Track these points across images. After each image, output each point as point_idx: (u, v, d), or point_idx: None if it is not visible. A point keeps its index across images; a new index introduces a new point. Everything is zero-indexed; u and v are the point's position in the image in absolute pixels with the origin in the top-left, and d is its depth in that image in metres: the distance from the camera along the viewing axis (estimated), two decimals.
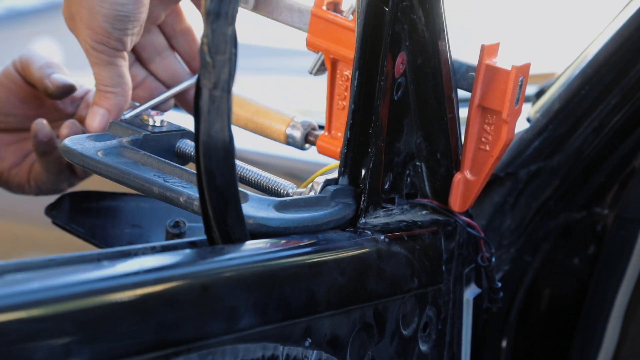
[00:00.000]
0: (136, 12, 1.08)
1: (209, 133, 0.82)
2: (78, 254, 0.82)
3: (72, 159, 1.05)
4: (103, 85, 1.10)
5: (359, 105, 1.01)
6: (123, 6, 1.07)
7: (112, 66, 1.10)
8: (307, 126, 1.16)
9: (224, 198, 0.85)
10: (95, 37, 1.08)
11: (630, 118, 1.30)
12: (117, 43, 1.08)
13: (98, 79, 1.11)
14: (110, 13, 1.06)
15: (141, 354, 0.75)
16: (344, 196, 1.02)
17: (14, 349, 0.68)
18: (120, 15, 1.07)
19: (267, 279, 0.86)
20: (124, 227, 1.27)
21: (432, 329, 1.08)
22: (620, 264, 1.34)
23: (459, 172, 1.08)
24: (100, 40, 1.08)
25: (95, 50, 1.08)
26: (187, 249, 0.86)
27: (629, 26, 1.26)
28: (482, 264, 1.15)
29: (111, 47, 1.08)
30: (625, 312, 1.34)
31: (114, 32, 1.07)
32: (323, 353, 0.92)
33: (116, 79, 1.10)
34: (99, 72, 1.10)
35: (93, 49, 1.08)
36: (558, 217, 1.37)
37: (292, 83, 2.18)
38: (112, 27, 1.07)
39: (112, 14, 1.07)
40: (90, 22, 1.07)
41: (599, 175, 1.36)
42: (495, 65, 1.03)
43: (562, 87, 1.31)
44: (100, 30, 1.07)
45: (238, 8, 0.80)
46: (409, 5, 1.02)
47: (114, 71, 1.10)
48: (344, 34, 1.10)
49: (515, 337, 1.39)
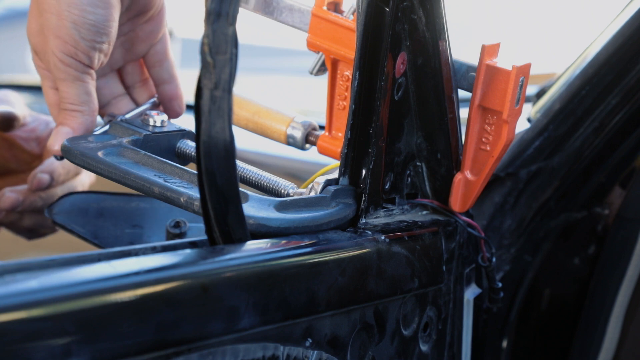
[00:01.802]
0: (105, 23, 1.07)
1: (210, 133, 0.82)
2: (78, 254, 0.82)
3: (73, 159, 1.05)
4: (69, 104, 1.08)
5: (359, 106, 1.01)
6: (92, 14, 1.06)
7: (79, 82, 1.08)
8: (308, 126, 1.16)
9: (224, 198, 0.85)
10: (64, 48, 1.06)
11: (630, 118, 1.30)
12: (85, 57, 1.07)
13: (64, 97, 1.09)
14: (79, 20, 1.05)
15: (141, 354, 0.75)
16: (344, 196, 1.02)
17: (14, 349, 0.68)
18: (89, 24, 1.06)
19: (268, 279, 0.86)
20: (125, 227, 1.27)
21: (432, 329, 1.08)
22: (621, 264, 1.34)
23: (459, 172, 1.08)
24: (68, 52, 1.06)
25: (63, 63, 1.07)
26: (187, 249, 0.86)
27: (629, 26, 1.26)
28: (483, 264, 1.15)
29: (79, 60, 1.07)
30: (625, 312, 1.34)
31: (81, 42, 1.06)
32: (323, 353, 0.92)
33: (83, 97, 1.09)
34: (65, 90, 1.08)
35: (61, 62, 1.07)
36: (558, 217, 1.37)
37: (293, 83, 2.18)
38: (80, 36, 1.06)
39: (80, 21, 1.06)
40: (58, 29, 1.06)
41: (599, 175, 1.36)
42: (495, 66, 1.03)
43: (562, 87, 1.31)
44: (68, 39, 1.06)
45: (239, 8, 0.80)
46: (409, 5, 1.02)
47: (81, 88, 1.08)
48: (344, 34, 1.10)
49: (515, 337, 1.39)
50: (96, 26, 1.06)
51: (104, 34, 1.07)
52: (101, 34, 1.07)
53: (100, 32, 1.07)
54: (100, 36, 1.07)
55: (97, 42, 1.07)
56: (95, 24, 1.06)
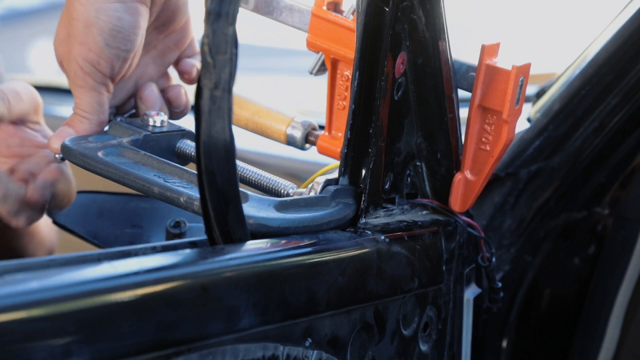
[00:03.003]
0: (132, 30, 1.07)
1: (210, 133, 0.82)
2: (78, 254, 0.82)
3: (72, 159, 1.05)
4: (80, 110, 1.09)
5: (359, 106, 1.01)
6: (120, 20, 1.06)
7: (94, 92, 1.08)
8: (308, 126, 1.16)
9: (224, 198, 0.85)
10: (87, 55, 1.06)
11: (630, 118, 1.30)
12: (107, 66, 1.07)
13: (77, 102, 1.09)
14: (107, 26, 1.06)
15: (141, 354, 0.75)
16: (344, 196, 1.02)
17: (14, 349, 0.68)
18: (116, 30, 1.06)
19: (268, 279, 0.86)
20: (124, 227, 1.27)
21: (432, 329, 1.08)
22: (621, 264, 1.34)
23: (459, 172, 1.08)
24: (91, 60, 1.06)
25: (83, 71, 1.07)
26: (187, 249, 0.86)
27: (629, 26, 1.26)
28: (483, 264, 1.15)
29: (100, 70, 1.07)
30: (625, 312, 1.34)
31: (106, 50, 1.06)
32: (323, 353, 0.92)
33: (95, 107, 1.09)
34: (79, 97, 1.09)
35: (82, 70, 1.07)
36: (558, 217, 1.37)
37: (293, 83, 2.18)
38: (106, 44, 1.06)
39: (107, 27, 1.06)
40: (84, 36, 1.06)
41: (599, 175, 1.36)
42: (495, 65, 1.03)
43: (562, 87, 1.31)
44: (93, 46, 1.06)
45: (239, 8, 0.80)
46: (409, 5, 1.02)
47: (95, 98, 1.09)
48: (344, 34, 1.10)
49: (515, 337, 1.39)
50: (122, 33, 1.07)
51: (130, 41, 1.07)
52: (127, 41, 1.07)
53: (126, 39, 1.07)
54: (126, 44, 1.07)
55: (122, 50, 1.07)
56: (121, 31, 1.06)
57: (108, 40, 1.06)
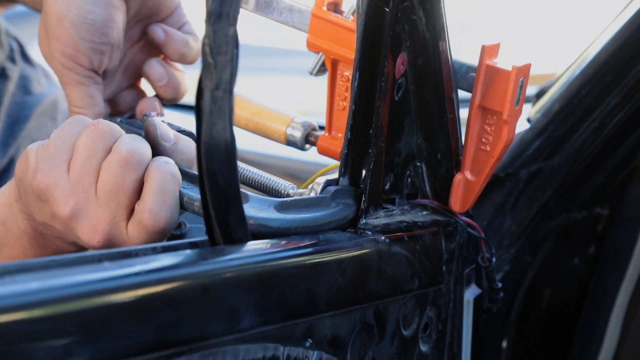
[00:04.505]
0: (105, 23, 1.06)
1: (211, 134, 0.82)
2: (79, 255, 0.82)
3: None
4: (74, 106, 1.09)
5: (359, 106, 1.01)
6: (91, 13, 1.06)
7: (82, 87, 1.08)
8: (308, 126, 1.16)
9: (225, 199, 0.85)
10: (64, 50, 1.06)
11: (630, 118, 1.30)
12: (86, 59, 1.07)
13: (69, 99, 1.10)
14: (78, 19, 1.05)
15: (142, 354, 0.76)
16: (344, 197, 1.02)
17: (14, 349, 0.69)
18: (88, 23, 1.06)
19: (268, 279, 0.86)
20: None
21: (432, 329, 1.08)
22: (621, 264, 1.34)
23: (459, 173, 1.08)
24: (68, 55, 1.06)
25: (65, 67, 1.07)
26: (187, 250, 0.86)
27: (629, 26, 1.26)
28: (483, 264, 1.15)
29: (80, 63, 1.07)
30: (625, 312, 1.34)
31: (81, 43, 1.06)
32: (324, 353, 0.92)
33: (87, 100, 1.09)
34: (70, 93, 1.09)
35: (63, 67, 1.07)
36: (558, 217, 1.37)
37: (293, 83, 2.18)
38: (80, 37, 1.06)
39: (79, 20, 1.05)
40: (57, 30, 1.06)
41: (599, 175, 1.36)
42: (495, 66, 1.03)
43: (562, 87, 1.31)
44: (67, 40, 1.06)
45: (239, 9, 0.80)
46: (409, 5, 1.02)
47: (85, 92, 1.09)
48: (344, 34, 1.10)
49: (515, 337, 1.39)
50: (95, 26, 1.06)
51: (104, 35, 1.07)
52: (101, 34, 1.07)
53: (100, 32, 1.07)
54: (100, 36, 1.07)
55: (97, 43, 1.07)
56: (94, 24, 1.06)
57: (82, 33, 1.06)
